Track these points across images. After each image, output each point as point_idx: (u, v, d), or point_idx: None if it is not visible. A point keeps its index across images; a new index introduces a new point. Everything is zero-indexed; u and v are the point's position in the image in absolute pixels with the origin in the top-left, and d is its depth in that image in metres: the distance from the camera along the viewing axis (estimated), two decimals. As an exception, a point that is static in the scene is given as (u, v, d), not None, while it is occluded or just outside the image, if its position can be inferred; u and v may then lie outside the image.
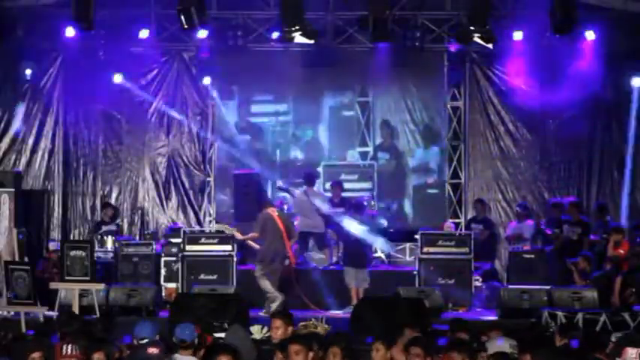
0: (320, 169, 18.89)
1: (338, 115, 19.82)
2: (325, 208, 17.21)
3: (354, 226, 16.29)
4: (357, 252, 16.36)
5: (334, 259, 17.38)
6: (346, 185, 18.36)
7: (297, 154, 19.73)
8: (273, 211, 15.81)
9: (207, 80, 19.04)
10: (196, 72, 19.21)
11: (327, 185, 18.24)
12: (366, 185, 18.83)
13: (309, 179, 17.53)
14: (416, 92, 19.42)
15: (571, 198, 18.26)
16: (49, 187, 19.09)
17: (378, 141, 19.58)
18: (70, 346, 7.60)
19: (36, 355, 7.89)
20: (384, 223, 17.97)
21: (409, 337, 8.82)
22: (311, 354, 7.97)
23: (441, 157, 19.43)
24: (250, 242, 16.03)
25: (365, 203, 17.40)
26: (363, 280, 16.17)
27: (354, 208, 16.69)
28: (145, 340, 8.55)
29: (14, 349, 8.52)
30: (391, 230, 18.44)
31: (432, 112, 19.45)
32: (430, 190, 19.55)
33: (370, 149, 19.55)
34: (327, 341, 8.70)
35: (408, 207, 19.53)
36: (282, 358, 8.35)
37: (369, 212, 17.39)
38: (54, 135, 19.14)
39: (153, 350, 7.79)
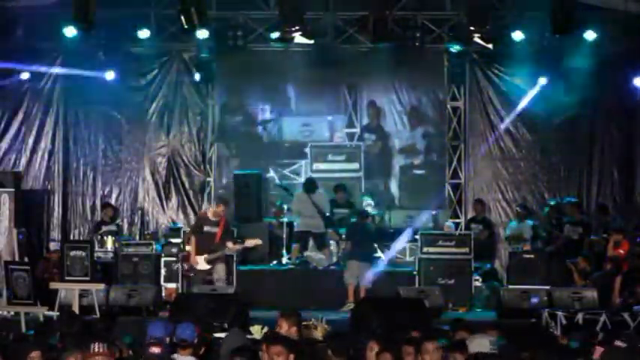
0: (307, 150, 18.98)
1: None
2: (327, 208, 17.25)
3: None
4: (365, 247, 16.49)
5: (334, 259, 17.37)
6: (333, 166, 18.64)
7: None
8: None
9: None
10: (196, 72, 19.21)
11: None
12: (353, 166, 18.91)
13: (311, 184, 17.53)
14: (410, 85, 19.47)
15: (571, 198, 18.28)
16: (49, 187, 19.09)
17: (365, 122, 19.61)
18: (98, 344, 7.55)
19: (34, 354, 7.87)
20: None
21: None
22: (266, 356, 7.87)
23: (428, 138, 19.44)
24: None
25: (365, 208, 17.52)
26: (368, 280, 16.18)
27: (359, 215, 16.88)
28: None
29: (13, 350, 8.50)
30: (391, 230, 18.46)
31: (419, 93, 19.45)
32: (416, 171, 19.60)
33: (357, 130, 19.55)
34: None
35: (394, 187, 19.56)
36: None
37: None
38: (54, 135, 19.16)
39: (155, 350, 7.76)
